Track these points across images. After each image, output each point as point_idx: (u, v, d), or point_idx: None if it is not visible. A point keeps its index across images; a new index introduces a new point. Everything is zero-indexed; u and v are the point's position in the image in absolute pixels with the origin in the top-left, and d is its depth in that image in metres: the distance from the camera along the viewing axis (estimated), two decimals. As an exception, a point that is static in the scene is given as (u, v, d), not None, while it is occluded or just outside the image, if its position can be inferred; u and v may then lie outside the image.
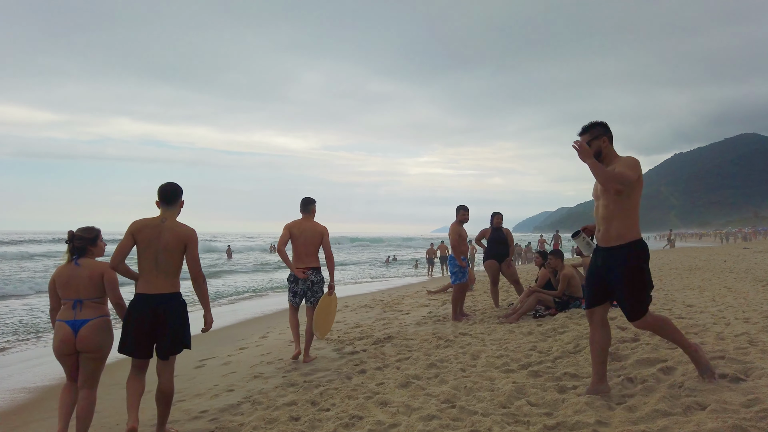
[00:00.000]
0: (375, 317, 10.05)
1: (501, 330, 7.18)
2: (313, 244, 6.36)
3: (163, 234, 3.98)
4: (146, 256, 3.98)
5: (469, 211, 8.49)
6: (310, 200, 6.58)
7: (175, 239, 3.98)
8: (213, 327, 4.29)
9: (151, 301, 3.95)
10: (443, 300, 12.04)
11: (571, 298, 7.74)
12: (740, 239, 59.22)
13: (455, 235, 8.32)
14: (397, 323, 8.92)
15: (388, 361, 6.09)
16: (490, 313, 8.83)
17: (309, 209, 6.52)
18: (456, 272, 8.37)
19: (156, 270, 3.97)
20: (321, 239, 6.37)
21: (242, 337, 9.33)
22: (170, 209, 4.10)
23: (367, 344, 7.19)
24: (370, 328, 8.59)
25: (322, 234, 6.38)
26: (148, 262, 3.98)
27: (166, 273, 3.98)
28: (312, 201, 6.56)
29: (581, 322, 6.83)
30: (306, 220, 6.48)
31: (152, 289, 3.96)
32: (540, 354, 5.54)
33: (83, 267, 4.02)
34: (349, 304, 13.44)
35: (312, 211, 6.52)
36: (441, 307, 10.77)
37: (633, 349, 5.14)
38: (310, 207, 6.53)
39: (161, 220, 4.05)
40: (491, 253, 9.24)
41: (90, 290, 3.99)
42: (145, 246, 3.98)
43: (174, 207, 4.11)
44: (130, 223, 4.05)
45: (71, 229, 4.13)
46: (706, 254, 28.80)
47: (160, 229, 4.00)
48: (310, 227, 6.38)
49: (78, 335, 3.91)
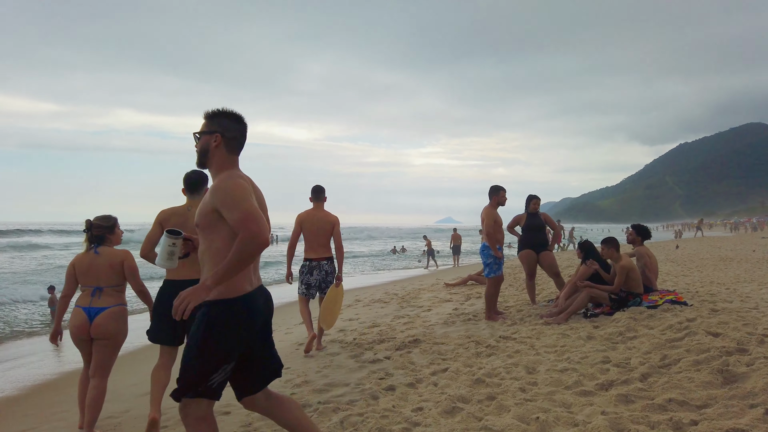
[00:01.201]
0: (392, 314, 8.89)
1: (550, 333, 6.01)
2: (325, 235, 6.24)
3: (189, 221, 3.94)
4: None
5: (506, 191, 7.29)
6: (322, 189, 6.38)
7: None
8: None
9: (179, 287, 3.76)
10: (465, 294, 10.87)
11: (631, 295, 6.55)
12: (750, 229, 58.23)
13: (490, 221, 7.12)
14: (421, 322, 7.75)
15: (421, 373, 4.92)
16: (528, 310, 7.65)
17: (321, 198, 6.33)
18: (490, 264, 7.18)
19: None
20: (332, 229, 6.23)
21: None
22: (196, 197, 4.11)
23: (390, 349, 6.03)
24: (390, 328, 7.43)
25: (333, 224, 6.24)
26: None
27: (193, 260, 3.80)
28: (323, 189, 6.38)
29: (651, 324, 5.64)
30: (317, 209, 6.31)
31: (180, 275, 3.92)
32: (619, 369, 4.35)
33: (102, 255, 4.07)
34: (361, 298, 12.28)
35: (323, 199, 6.35)
36: (465, 302, 9.60)
37: (750, 366, 3.95)
38: (322, 195, 6.34)
39: (187, 208, 4.09)
40: (527, 241, 8.04)
41: (110, 278, 4.04)
42: None
43: (199, 195, 4.10)
44: (158, 213, 4.10)
45: (88, 218, 4.15)
46: (726, 244, 27.64)
47: (187, 216, 4.02)
48: (322, 217, 6.24)
49: (93, 322, 3.95)
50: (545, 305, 8.01)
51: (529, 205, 8.21)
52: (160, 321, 4.01)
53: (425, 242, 25.85)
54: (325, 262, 6.26)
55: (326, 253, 6.29)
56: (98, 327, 3.95)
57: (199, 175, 4.13)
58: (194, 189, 4.14)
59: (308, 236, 6.24)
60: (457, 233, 26.01)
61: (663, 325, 5.47)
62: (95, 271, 4.04)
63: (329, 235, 6.24)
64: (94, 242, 4.12)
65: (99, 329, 3.95)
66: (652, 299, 6.69)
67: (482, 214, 7.27)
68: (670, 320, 5.59)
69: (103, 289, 4.03)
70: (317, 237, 6.20)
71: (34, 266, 26.07)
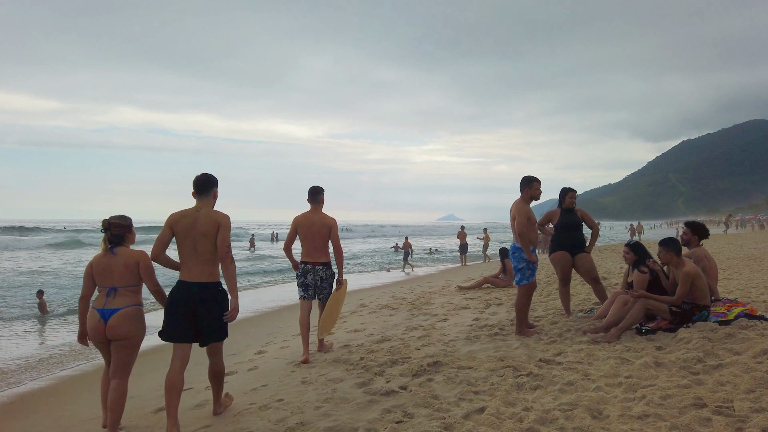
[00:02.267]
0: (404, 324, 7.77)
1: (604, 356, 4.88)
2: (321, 238, 5.97)
3: (199, 221, 4.06)
4: (185, 244, 4.07)
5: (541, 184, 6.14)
6: (319, 189, 6.12)
7: (211, 224, 4.07)
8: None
9: (192, 289, 4.02)
10: (483, 300, 9.74)
11: (696, 307, 5.42)
12: (757, 227, 57.16)
13: (523, 218, 5.98)
14: (438, 336, 6.63)
15: (450, 415, 3.80)
16: (565, 324, 6.52)
17: (318, 199, 6.07)
18: (522, 269, 6.05)
19: (195, 257, 4.05)
20: (329, 232, 5.98)
21: (232, 351, 7.08)
22: (204, 199, 4.17)
23: (407, 374, 4.92)
24: (402, 343, 6.31)
25: (330, 227, 5.98)
26: (187, 249, 4.07)
27: (205, 260, 4.06)
28: (321, 190, 6.12)
29: (735, 347, 4.51)
30: (314, 211, 6.06)
31: (193, 277, 4.03)
32: (724, 418, 3.23)
33: (119, 255, 4.09)
34: (366, 303, 11.16)
35: (321, 201, 6.09)
36: (486, 311, 8.47)
37: None
38: (319, 197, 6.08)
39: (197, 209, 4.14)
40: (562, 242, 6.91)
41: (125, 278, 4.06)
42: (183, 235, 4.06)
43: (207, 196, 4.18)
44: (168, 216, 4.14)
45: (105, 218, 4.17)
46: (747, 242, 26.49)
47: (196, 217, 4.08)
48: (318, 220, 5.99)
49: (108, 324, 3.96)
50: (583, 317, 6.88)
51: (563, 200, 7.07)
52: (173, 320, 4.03)
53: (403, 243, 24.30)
54: (320, 267, 6.00)
55: (321, 258, 6.01)
56: (112, 328, 3.96)
57: (207, 177, 4.23)
58: (202, 190, 4.18)
59: (303, 239, 6.02)
60: (463, 231, 24.93)
61: (754, 349, 4.34)
62: (111, 271, 4.06)
63: (325, 238, 5.97)
64: (113, 242, 4.13)
65: (113, 330, 3.96)
66: (718, 311, 5.58)
67: (512, 210, 6.14)
68: (761, 343, 4.46)
69: (117, 290, 4.04)
70: (312, 240, 5.96)
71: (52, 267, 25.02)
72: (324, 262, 6.01)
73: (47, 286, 15.78)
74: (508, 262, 11.52)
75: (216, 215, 4.12)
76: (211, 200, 4.21)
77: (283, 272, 21.76)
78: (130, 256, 4.12)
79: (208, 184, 4.21)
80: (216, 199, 4.26)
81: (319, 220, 5.97)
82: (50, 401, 5.87)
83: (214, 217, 4.09)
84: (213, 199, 4.22)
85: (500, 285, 11.41)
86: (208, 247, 4.05)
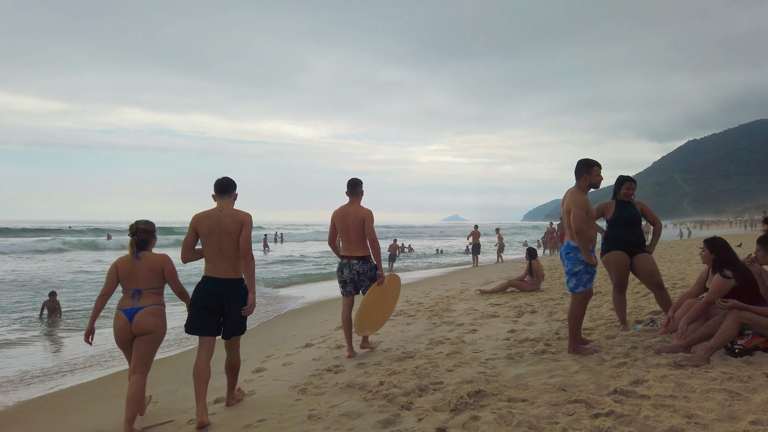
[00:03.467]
0: (426, 335, 6.67)
1: (700, 386, 3.76)
2: (356, 231, 5.85)
3: (223, 220, 4.24)
4: (210, 242, 4.24)
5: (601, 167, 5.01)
6: (358, 182, 5.98)
7: (235, 222, 4.24)
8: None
9: (217, 284, 4.21)
10: (512, 306, 8.61)
11: (806, 322, 4.29)
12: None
13: (581, 210, 4.85)
14: (470, 352, 5.52)
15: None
16: (626, 338, 5.39)
17: (357, 192, 5.96)
18: (579, 273, 4.93)
19: (220, 255, 4.23)
20: (363, 224, 5.82)
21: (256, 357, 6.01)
22: (226, 200, 4.34)
23: (442, 408, 3.82)
24: (429, 362, 5.20)
25: (363, 218, 5.83)
26: (212, 247, 4.23)
27: (229, 258, 4.23)
28: (360, 182, 5.98)
29: None
30: (351, 204, 5.95)
31: (219, 273, 4.23)
32: None
33: (144, 259, 4.28)
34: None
35: (360, 193, 5.97)
36: (519, 320, 7.35)
37: None
38: (358, 189, 5.96)
39: (219, 209, 4.29)
40: (617, 240, 5.78)
41: (149, 281, 4.26)
42: (207, 234, 4.24)
43: (229, 198, 4.37)
44: (192, 218, 4.30)
45: (132, 223, 4.35)
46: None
47: (220, 216, 4.26)
48: (353, 212, 5.88)
49: (133, 321, 4.15)
50: (645, 330, 5.75)
51: (619, 190, 5.95)
52: (199, 315, 4.21)
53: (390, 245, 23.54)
54: (356, 262, 5.86)
55: (357, 252, 5.87)
56: (138, 324, 4.13)
57: (228, 180, 4.39)
58: (225, 192, 4.34)
59: (341, 233, 5.94)
60: (477, 230, 23.86)
61: None
62: (136, 274, 4.23)
63: (361, 231, 5.82)
64: (139, 246, 4.28)
65: (139, 325, 4.13)
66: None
67: (566, 201, 5.02)
68: None
69: (142, 292, 4.22)
70: (347, 234, 5.87)
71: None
72: (360, 256, 5.85)
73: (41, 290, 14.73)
74: (536, 264, 10.39)
75: (239, 214, 4.29)
76: (232, 201, 4.39)
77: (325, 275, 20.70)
78: (155, 260, 4.32)
79: (229, 186, 4.39)
80: (235, 200, 4.43)
81: (354, 213, 5.83)
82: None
83: (238, 216, 4.27)
84: (233, 200, 4.40)
85: (527, 289, 10.29)
86: (232, 245, 4.23)
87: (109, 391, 5.91)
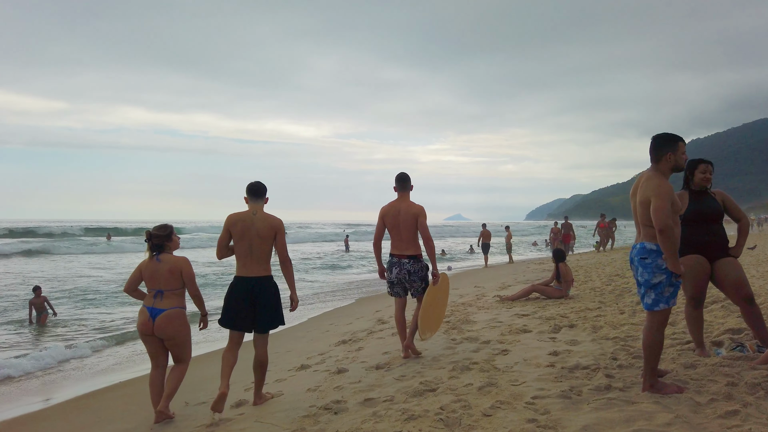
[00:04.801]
0: (446, 358, 5.45)
1: None
2: (408, 229, 5.52)
3: (256, 224, 4.48)
4: (242, 244, 4.49)
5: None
6: (406, 177, 5.66)
7: (267, 227, 4.50)
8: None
9: (248, 283, 4.48)
10: (543, 319, 7.36)
11: None
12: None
13: (664, 202, 3.58)
14: (508, 383, 4.28)
15: None
16: (712, 369, 4.16)
17: (406, 186, 5.65)
18: (659, 285, 3.68)
19: (250, 256, 4.48)
20: (415, 221, 5.50)
21: (205, 398, 4.79)
22: (258, 203, 4.59)
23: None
24: (457, 400, 3.95)
25: (416, 215, 5.49)
26: (243, 249, 4.49)
27: (259, 258, 4.49)
28: (408, 177, 5.67)
29: None
30: (401, 200, 5.64)
31: (248, 273, 4.49)
32: None
33: (164, 262, 4.55)
34: (385, 318, 8.90)
35: (410, 188, 5.66)
36: (557, 336, 6.10)
37: None
38: (408, 184, 5.66)
39: (252, 213, 4.53)
40: (694, 240, 4.51)
41: (170, 282, 4.52)
42: (240, 236, 4.48)
43: (261, 201, 4.60)
44: (226, 218, 4.55)
45: (147, 229, 4.65)
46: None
47: (253, 220, 4.50)
48: (404, 208, 5.55)
49: (155, 323, 4.44)
50: (731, 356, 4.50)
51: (693, 177, 4.70)
52: (233, 310, 4.50)
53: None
54: (407, 261, 5.59)
55: (408, 250, 5.60)
56: (159, 328, 4.45)
57: (261, 184, 4.64)
58: (258, 195, 4.59)
59: (391, 231, 5.68)
60: (487, 230, 22.61)
61: None
62: (157, 276, 4.52)
63: (413, 228, 5.55)
64: (155, 251, 4.57)
65: (160, 330, 4.46)
66: None
67: (642, 188, 3.76)
68: None
69: (164, 292, 4.50)
70: (398, 231, 5.61)
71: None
72: (411, 255, 5.59)
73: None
74: (564, 267, 9.15)
75: (272, 220, 4.54)
76: (263, 204, 4.58)
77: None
78: (174, 262, 4.58)
79: (262, 190, 4.59)
80: (266, 203, 4.63)
81: (406, 209, 5.57)
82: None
83: (271, 222, 4.51)
84: (264, 204, 4.59)
85: (554, 295, 9.06)
86: (264, 248, 4.48)
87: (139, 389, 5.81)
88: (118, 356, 8.37)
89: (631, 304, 7.70)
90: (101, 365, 7.87)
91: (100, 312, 12.19)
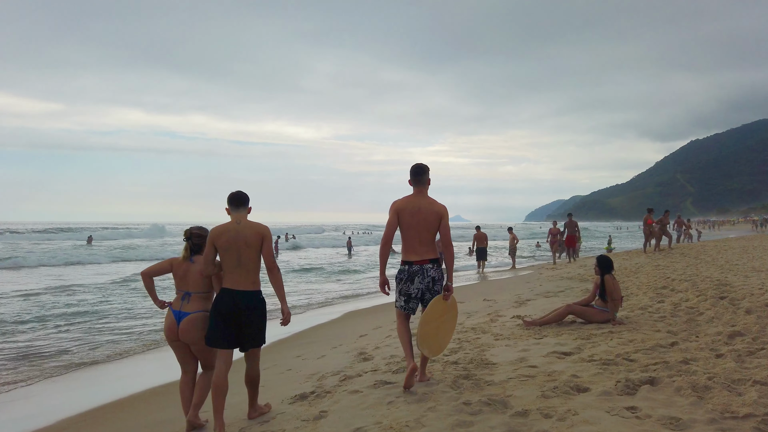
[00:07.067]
0: (480, 417, 3.17)
1: None
2: (428, 230, 4.73)
3: (242, 233, 4.30)
4: (229, 255, 4.28)
5: None
6: (424, 168, 4.84)
7: (254, 234, 4.31)
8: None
9: (235, 296, 4.24)
10: (600, 363, 5.04)
11: None
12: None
13: None
14: None
15: None
16: None
17: (423, 180, 4.81)
18: None
19: (239, 267, 4.27)
20: (439, 222, 4.72)
21: None
22: (241, 212, 4.40)
23: None
24: None
25: (440, 215, 4.73)
26: (231, 260, 4.27)
27: (248, 269, 4.27)
28: (426, 169, 4.85)
29: None
30: (419, 196, 4.80)
31: (237, 285, 4.27)
32: None
33: (196, 263, 4.46)
34: (371, 353, 6.62)
35: (427, 182, 4.83)
36: (635, 397, 3.82)
37: None
38: (425, 177, 4.82)
39: (236, 222, 4.35)
40: None
41: (199, 285, 4.43)
42: (226, 248, 4.28)
43: (244, 211, 4.41)
44: (209, 232, 4.39)
45: (187, 228, 4.57)
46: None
47: (238, 229, 4.31)
48: (426, 206, 4.74)
49: (180, 327, 4.34)
50: None
51: None
52: (218, 327, 4.23)
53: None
54: (430, 266, 4.72)
55: (431, 254, 4.75)
56: (183, 332, 4.34)
57: (242, 193, 4.46)
58: (240, 205, 4.39)
59: (407, 231, 4.75)
60: (481, 232, 20.17)
61: None
62: (188, 278, 4.42)
63: (434, 229, 4.73)
64: (194, 251, 4.48)
65: (184, 334, 4.34)
66: None
67: None
68: None
69: (191, 295, 4.41)
70: (419, 232, 4.71)
71: None
72: (433, 259, 4.74)
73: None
74: (610, 280, 6.87)
75: (258, 227, 4.36)
76: (246, 213, 4.41)
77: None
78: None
79: (245, 200, 4.43)
80: (249, 212, 4.44)
81: (428, 206, 4.72)
82: None
83: (257, 229, 4.34)
84: (247, 213, 4.42)
85: (597, 319, 6.76)
86: (252, 257, 4.30)
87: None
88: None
89: (722, 336, 5.42)
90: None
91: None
